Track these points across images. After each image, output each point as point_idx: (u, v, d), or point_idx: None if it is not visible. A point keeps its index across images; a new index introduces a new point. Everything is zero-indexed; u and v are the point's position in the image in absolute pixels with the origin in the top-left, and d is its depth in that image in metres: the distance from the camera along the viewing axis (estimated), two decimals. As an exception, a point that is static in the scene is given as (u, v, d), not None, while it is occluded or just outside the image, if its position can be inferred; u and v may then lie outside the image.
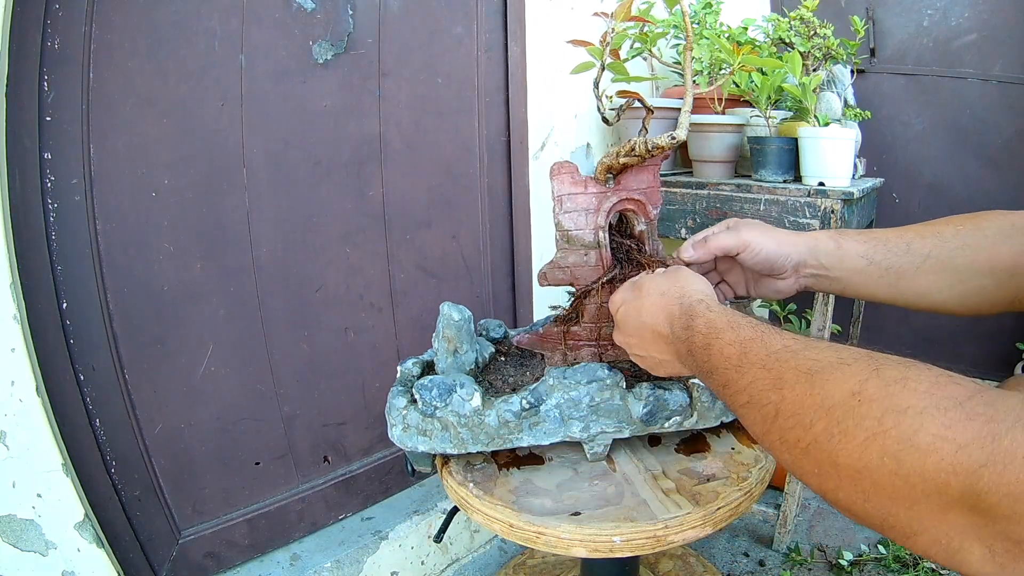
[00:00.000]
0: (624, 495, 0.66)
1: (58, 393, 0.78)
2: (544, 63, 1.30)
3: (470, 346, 0.77)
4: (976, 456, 0.29)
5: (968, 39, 1.65)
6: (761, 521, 1.36)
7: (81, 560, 0.78)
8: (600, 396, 0.67)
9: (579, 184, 0.72)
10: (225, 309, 0.95)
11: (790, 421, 0.39)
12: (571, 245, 0.73)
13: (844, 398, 0.36)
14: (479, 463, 0.74)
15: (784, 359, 0.42)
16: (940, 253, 0.63)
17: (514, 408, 0.66)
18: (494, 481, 0.70)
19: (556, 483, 0.69)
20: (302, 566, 1.02)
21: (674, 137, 0.64)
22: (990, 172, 1.70)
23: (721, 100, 1.30)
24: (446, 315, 0.74)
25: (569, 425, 0.68)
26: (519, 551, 1.27)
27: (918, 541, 0.33)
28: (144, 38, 0.82)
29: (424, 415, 0.68)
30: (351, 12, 1.02)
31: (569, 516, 0.62)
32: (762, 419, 0.41)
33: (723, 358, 0.47)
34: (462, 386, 0.67)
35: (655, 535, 0.61)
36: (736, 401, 0.45)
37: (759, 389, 0.42)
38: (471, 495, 0.68)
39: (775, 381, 0.41)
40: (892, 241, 0.65)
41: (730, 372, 0.46)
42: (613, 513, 0.63)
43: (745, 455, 0.73)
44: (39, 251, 0.76)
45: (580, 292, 0.74)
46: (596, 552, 0.61)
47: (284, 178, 0.98)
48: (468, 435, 0.67)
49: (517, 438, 0.67)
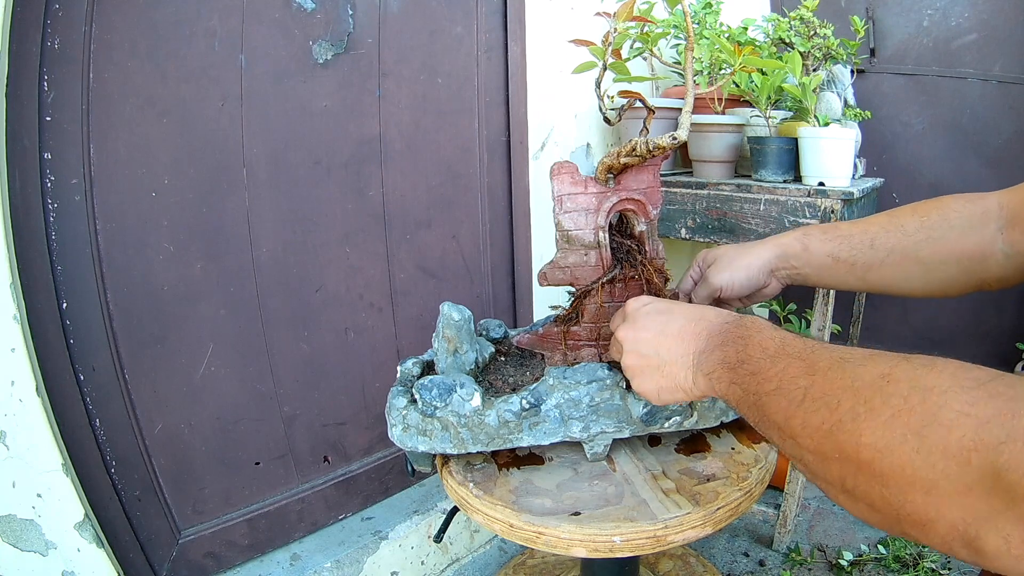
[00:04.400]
0: (624, 495, 0.66)
1: (58, 393, 0.78)
2: (544, 63, 1.30)
3: (470, 346, 0.76)
4: (997, 432, 0.29)
5: (968, 39, 1.65)
6: (761, 521, 1.36)
7: (81, 560, 0.78)
8: (600, 396, 0.67)
9: (579, 184, 0.72)
10: (225, 309, 0.95)
11: (817, 403, 0.39)
12: (571, 245, 0.73)
13: (873, 379, 0.37)
14: (479, 463, 0.74)
15: (820, 351, 0.43)
16: (904, 246, 0.65)
17: (514, 408, 0.66)
18: (494, 481, 0.70)
19: (556, 483, 0.69)
20: (302, 566, 1.02)
21: (675, 137, 0.64)
22: (990, 172, 1.70)
23: (721, 100, 1.30)
24: (446, 315, 0.74)
25: (569, 425, 0.67)
26: (519, 551, 1.27)
27: (934, 530, 0.32)
28: (144, 38, 0.82)
29: (424, 415, 0.68)
30: (351, 12, 1.02)
31: (569, 516, 0.62)
32: (787, 404, 0.42)
33: (760, 348, 0.47)
34: (462, 386, 0.66)
35: (655, 535, 0.61)
36: (763, 389, 0.45)
37: (790, 376, 0.43)
38: (471, 495, 0.68)
39: (808, 368, 0.42)
40: (856, 237, 0.68)
41: (763, 361, 0.46)
42: (613, 513, 0.62)
43: (745, 455, 0.73)
44: (39, 251, 0.76)
45: (580, 292, 0.74)
46: (596, 552, 0.61)
47: (284, 178, 0.98)
48: (468, 435, 0.67)
49: (517, 438, 0.67)
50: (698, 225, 1.31)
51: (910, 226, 0.66)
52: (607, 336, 0.76)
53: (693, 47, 0.62)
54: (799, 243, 0.71)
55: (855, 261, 0.68)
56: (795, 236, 0.72)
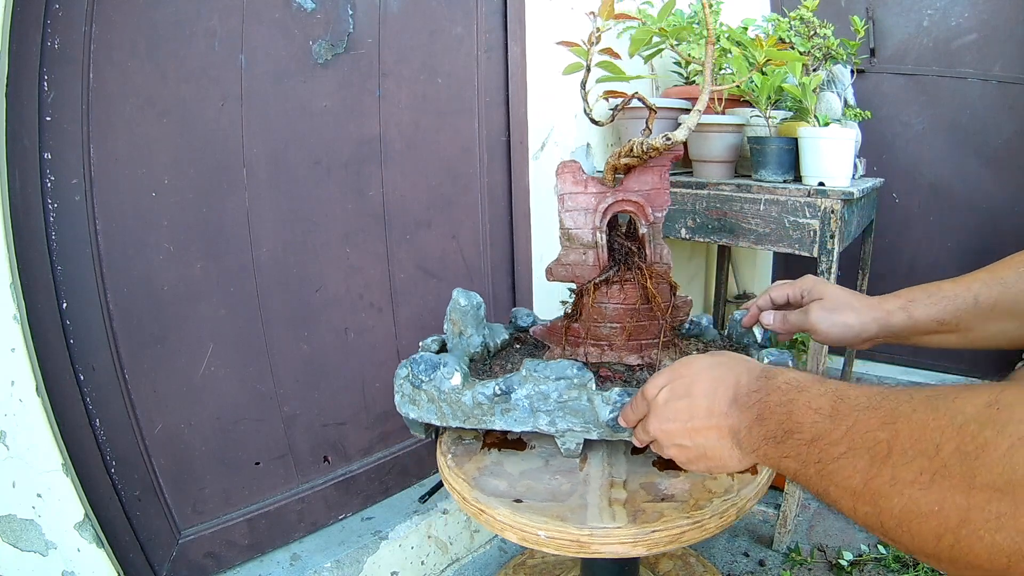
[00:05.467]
0: (573, 495, 0.66)
1: (58, 393, 0.78)
2: (544, 63, 1.30)
3: (476, 331, 0.81)
4: None
5: (968, 39, 1.65)
6: (761, 521, 1.36)
7: (81, 560, 0.78)
8: (568, 394, 0.67)
9: (580, 183, 0.73)
10: (225, 309, 0.95)
11: (908, 454, 0.34)
12: (571, 243, 0.74)
13: (978, 411, 0.32)
14: (468, 439, 0.78)
15: (895, 395, 0.38)
16: (1005, 300, 0.63)
17: (487, 392, 0.69)
18: (470, 457, 0.74)
19: (521, 470, 0.71)
20: (302, 566, 1.02)
21: (669, 138, 0.64)
22: (990, 172, 1.70)
23: (721, 100, 1.30)
24: (454, 300, 0.79)
25: (538, 417, 0.69)
26: (519, 551, 1.27)
27: None
28: (144, 38, 0.82)
29: (413, 386, 0.72)
30: (351, 12, 1.02)
31: (512, 502, 0.65)
32: (868, 464, 0.36)
33: (811, 411, 0.42)
34: (445, 365, 0.70)
35: (579, 540, 0.60)
36: (828, 455, 0.39)
37: (863, 431, 0.37)
38: (446, 466, 0.73)
39: (886, 417, 0.37)
40: (961, 296, 0.65)
41: (822, 424, 0.40)
42: (551, 509, 0.63)
43: (719, 483, 0.68)
44: (39, 251, 0.76)
45: (578, 290, 0.75)
46: (525, 542, 0.63)
47: (284, 178, 0.98)
48: (448, 410, 0.71)
49: (490, 420, 0.70)
50: (698, 225, 1.31)
51: (1010, 278, 0.64)
52: (601, 335, 0.76)
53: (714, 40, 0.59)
54: (905, 313, 0.67)
55: (959, 323, 0.65)
56: (900, 305, 0.68)
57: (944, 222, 1.78)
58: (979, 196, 1.72)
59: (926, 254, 1.83)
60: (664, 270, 0.75)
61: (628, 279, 0.74)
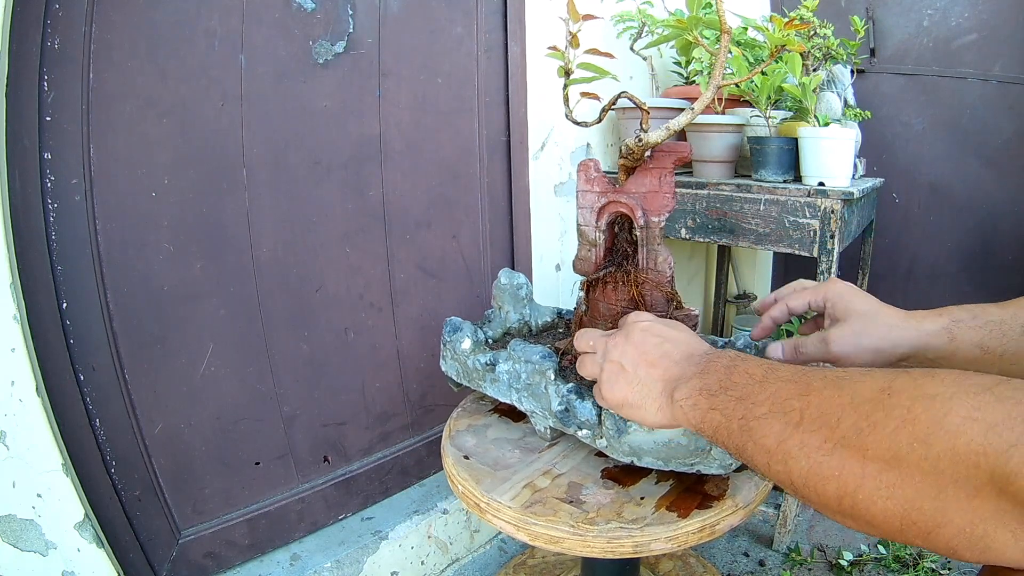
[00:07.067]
0: (509, 468, 0.71)
1: (58, 393, 0.78)
2: (544, 63, 1.30)
3: (513, 308, 0.90)
4: (1006, 436, 0.29)
5: (968, 39, 1.65)
6: (761, 521, 1.36)
7: (81, 560, 0.78)
8: (532, 378, 0.70)
9: (590, 182, 0.75)
10: (225, 309, 0.95)
11: (815, 423, 0.39)
12: (582, 239, 0.78)
13: (873, 394, 0.37)
14: (485, 401, 0.88)
15: (811, 373, 0.43)
16: None
17: (481, 361, 0.77)
18: (472, 415, 0.85)
19: (497, 436, 0.79)
20: (302, 566, 1.02)
21: (640, 139, 0.64)
22: (990, 172, 1.70)
23: (721, 100, 1.30)
24: (497, 279, 0.90)
25: (510, 393, 0.75)
26: (519, 551, 1.27)
27: (940, 535, 0.32)
28: (144, 38, 0.82)
29: (444, 343, 0.83)
30: (351, 12, 1.02)
31: (462, 457, 0.74)
32: (782, 427, 0.41)
33: (746, 375, 0.47)
34: (460, 330, 0.81)
35: (479, 504, 0.66)
36: (751, 413, 0.44)
37: (783, 398, 0.42)
38: (453, 416, 0.84)
39: (802, 389, 0.42)
40: (1008, 323, 0.59)
41: (752, 387, 0.45)
42: (481, 471, 0.70)
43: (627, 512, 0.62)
44: (39, 251, 0.76)
45: (583, 285, 0.77)
46: (453, 488, 0.72)
47: (284, 178, 0.98)
48: (460, 369, 0.81)
49: (482, 386, 0.79)
50: (698, 225, 1.31)
51: None
52: None
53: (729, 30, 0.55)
54: (947, 334, 0.60)
55: (1004, 350, 0.58)
56: (943, 326, 0.60)
57: (944, 222, 1.78)
58: (979, 196, 1.72)
59: (926, 254, 1.83)
60: (662, 279, 0.70)
61: (621, 281, 0.74)
